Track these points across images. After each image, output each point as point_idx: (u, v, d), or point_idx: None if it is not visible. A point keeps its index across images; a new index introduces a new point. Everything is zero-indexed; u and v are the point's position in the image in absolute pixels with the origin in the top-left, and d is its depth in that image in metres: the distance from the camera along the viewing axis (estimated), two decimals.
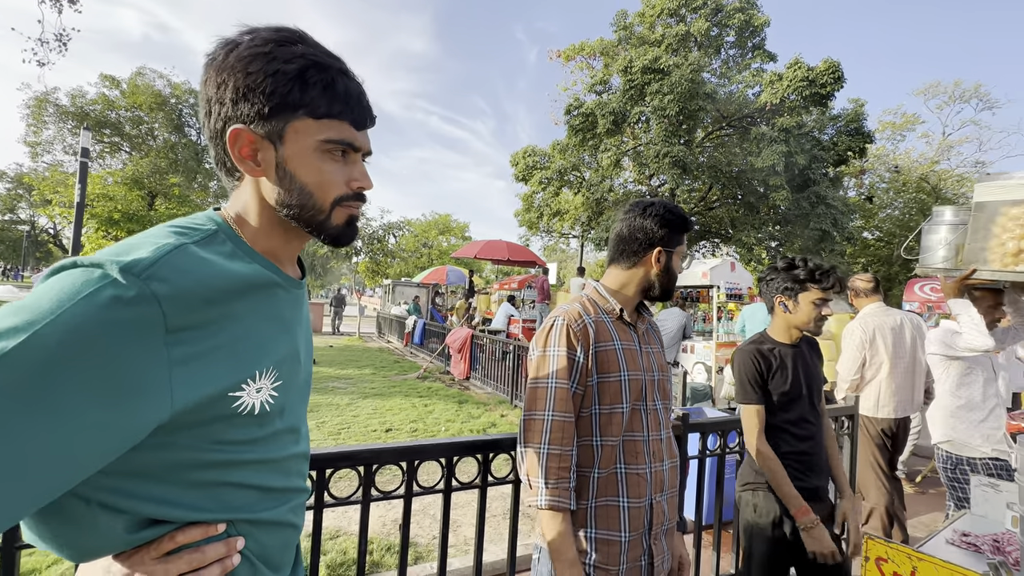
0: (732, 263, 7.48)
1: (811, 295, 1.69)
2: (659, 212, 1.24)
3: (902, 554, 1.08)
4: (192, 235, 0.58)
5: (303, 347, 0.71)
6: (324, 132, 0.63)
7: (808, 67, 14.12)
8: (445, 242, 34.85)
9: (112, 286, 0.47)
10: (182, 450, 0.54)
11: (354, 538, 2.91)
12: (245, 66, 0.59)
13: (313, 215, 0.65)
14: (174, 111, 19.81)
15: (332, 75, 0.62)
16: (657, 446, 1.18)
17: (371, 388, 7.44)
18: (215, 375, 0.54)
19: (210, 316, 0.54)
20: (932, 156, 24.94)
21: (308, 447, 0.74)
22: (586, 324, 1.16)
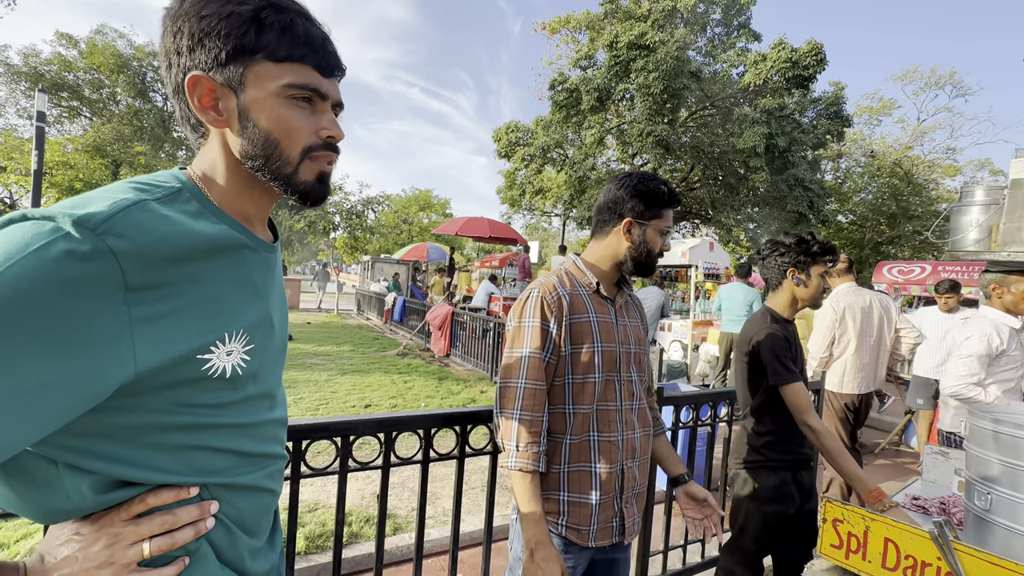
0: (711, 243, 7.60)
1: (819, 268, 1.74)
2: (632, 183, 1.23)
3: (856, 515, 1.14)
4: (154, 192, 0.55)
5: (277, 312, 0.69)
6: (286, 76, 0.60)
7: (792, 48, 14.14)
8: (426, 218, 34.38)
9: (65, 240, 0.45)
10: (149, 412, 0.52)
11: (332, 510, 2.93)
12: (199, 11, 0.57)
13: (280, 167, 0.62)
14: (137, 74, 18.72)
15: (290, 16, 0.60)
16: (630, 415, 1.23)
17: (350, 365, 7.41)
18: (181, 336, 0.52)
19: (173, 276, 0.52)
20: (906, 142, 25.53)
21: (285, 413, 0.73)
22: (560, 296, 1.18)
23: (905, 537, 1.04)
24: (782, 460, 1.74)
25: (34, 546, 2.35)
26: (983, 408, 1.22)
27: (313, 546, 2.58)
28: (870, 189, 23.80)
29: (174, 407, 0.54)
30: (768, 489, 1.71)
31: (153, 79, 19.31)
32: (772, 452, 1.74)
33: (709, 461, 2.55)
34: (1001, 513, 1.07)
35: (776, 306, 1.82)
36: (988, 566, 0.93)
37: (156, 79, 19.38)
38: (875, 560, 1.09)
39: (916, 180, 23.24)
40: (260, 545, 0.68)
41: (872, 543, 1.10)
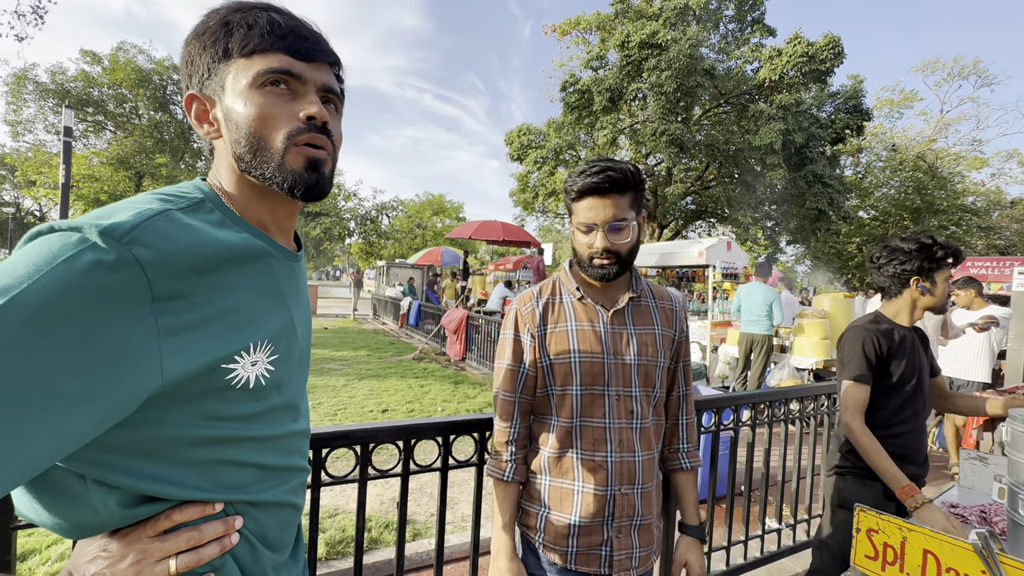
0: (728, 242, 7.47)
1: (944, 272, 1.63)
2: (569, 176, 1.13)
3: (892, 525, 1.09)
4: (177, 202, 0.56)
5: (300, 321, 0.69)
6: (255, 66, 0.60)
7: (808, 42, 13.88)
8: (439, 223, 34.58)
9: (91, 250, 0.45)
10: (175, 426, 0.52)
11: (352, 516, 2.95)
12: (186, 43, 0.63)
13: (265, 160, 0.60)
14: (158, 88, 19.29)
15: (255, 14, 0.61)
16: (627, 436, 1.10)
17: (367, 369, 7.46)
18: (207, 346, 0.52)
19: (198, 285, 0.52)
20: (929, 134, 24.84)
21: (308, 425, 0.73)
22: (534, 307, 1.15)
23: (946, 549, 1.00)
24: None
25: (64, 552, 2.42)
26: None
27: (334, 552, 2.59)
28: (892, 184, 23.23)
29: (199, 420, 0.54)
30: (856, 500, 1.54)
31: (173, 92, 19.86)
32: (861, 459, 1.60)
33: (732, 465, 2.49)
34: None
35: (888, 312, 1.71)
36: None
37: (176, 92, 19.93)
38: (913, 573, 1.04)
39: (941, 173, 22.60)
40: (283, 560, 0.67)
41: (910, 555, 1.05)
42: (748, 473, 2.50)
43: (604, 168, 1.04)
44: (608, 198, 1.05)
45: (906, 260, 1.66)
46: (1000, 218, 23.06)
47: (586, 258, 1.09)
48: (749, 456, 2.55)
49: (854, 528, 1.15)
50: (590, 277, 1.12)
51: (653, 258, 8.74)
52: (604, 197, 1.05)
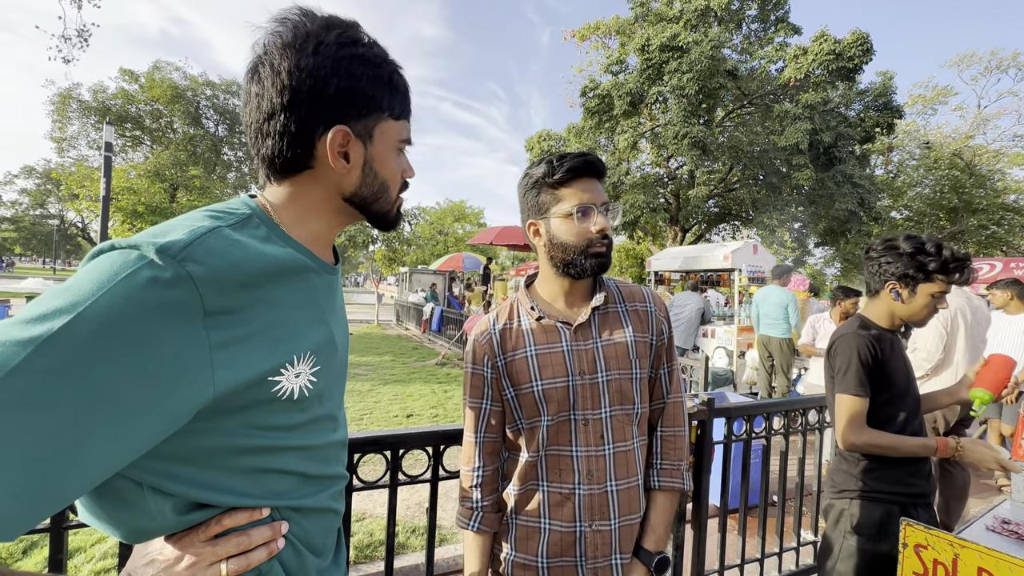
0: (755, 246, 7.31)
1: (933, 287, 1.46)
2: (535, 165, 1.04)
3: (943, 541, 1.04)
4: (227, 219, 0.58)
5: (339, 333, 0.71)
6: (402, 132, 0.70)
7: (835, 40, 13.54)
8: (460, 229, 34.90)
9: (149, 267, 0.47)
10: (225, 435, 0.54)
11: (379, 520, 2.98)
12: (348, 68, 0.62)
13: (382, 205, 0.71)
14: (191, 104, 20.10)
15: (405, 80, 0.69)
16: (597, 464, 0.97)
17: (391, 375, 7.55)
18: (255, 359, 0.54)
19: (246, 300, 0.54)
20: (966, 130, 23.85)
21: (346, 434, 0.75)
22: (491, 335, 1.05)
23: (1003, 567, 0.94)
24: (889, 492, 1.49)
25: (107, 551, 2.51)
26: None
27: (362, 556, 2.62)
28: (927, 183, 22.37)
29: (246, 429, 0.56)
30: (869, 524, 1.47)
31: (206, 107, 20.66)
32: (875, 481, 1.50)
33: (765, 475, 2.42)
34: None
35: (870, 314, 1.60)
36: None
37: (208, 106, 20.69)
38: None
39: (979, 171, 21.63)
40: (326, 564, 0.69)
41: (963, 573, 1.00)
42: (782, 483, 2.43)
43: (581, 152, 0.99)
44: (598, 181, 1.00)
45: (893, 261, 1.51)
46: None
47: (582, 246, 0.98)
48: (781, 466, 2.48)
49: (901, 543, 1.11)
50: (586, 272, 0.99)
51: (677, 262, 8.61)
52: (596, 179, 0.99)
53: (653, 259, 9.29)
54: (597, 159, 1.00)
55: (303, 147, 0.62)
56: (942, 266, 1.43)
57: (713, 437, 2.08)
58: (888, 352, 1.52)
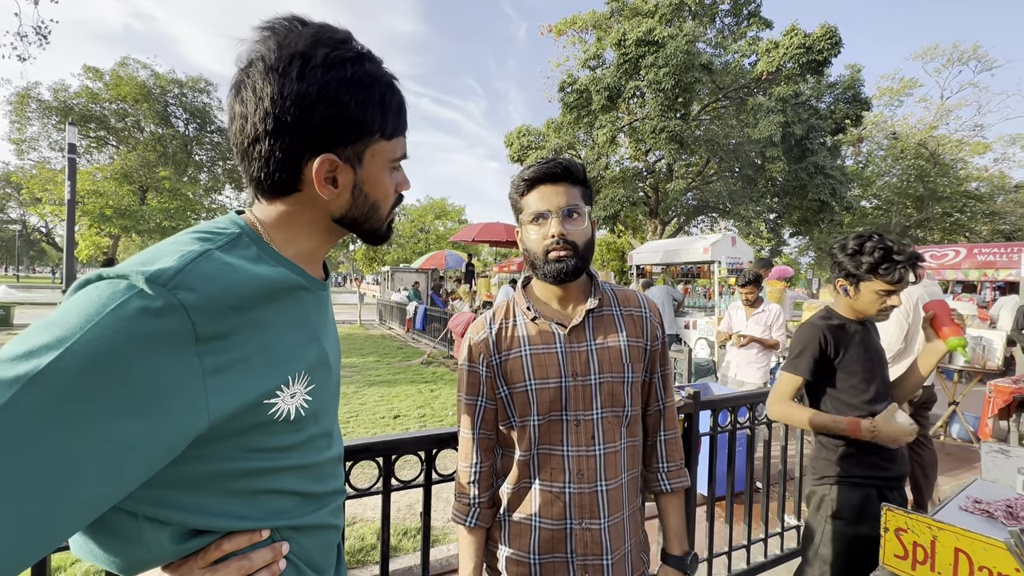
0: (733, 238, 7.45)
1: (875, 285, 1.56)
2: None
3: (922, 524, 1.09)
4: (216, 240, 0.57)
5: (331, 350, 0.70)
6: (395, 151, 0.67)
7: (805, 33, 13.83)
8: (442, 226, 34.67)
9: (139, 297, 0.46)
10: (221, 460, 0.53)
11: (370, 524, 2.96)
12: (335, 95, 0.58)
13: (372, 223, 0.69)
14: (159, 102, 19.40)
15: (400, 95, 0.66)
16: (588, 464, 0.99)
17: (376, 375, 7.49)
18: (249, 383, 0.53)
19: (238, 324, 0.53)
20: (930, 121, 24.71)
21: (341, 449, 0.75)
22: (487, 335, 1.06)
23: (978, 548, 1.00)
24: (866, 476, 1.58)
25: (88, 570, 2.44)
26: None
27: (354, 561, 2.60)
28: (894, 172, 23.13)
29: (243, 453, 0.55)
30: (848, 508, 1.55)
31: (175, 105, 19.98)
32: (853, 467, 1.59)
33: (750, 464, 2.49)
34: None
35: (835, 306, 1.71)
36: None
37: (178, 105, 20.02)
38: (945, 572, 1.04)
39: (943, 160, 22.46)
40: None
41: (941, 554, 1.05)
42: (766, 470, 2.50)
43: (553, 158, 1.01)
44: (560, 185, 0.99)
45: (841, 259, 1.63)
46: (1005, 203, 22.89)
47: (541, 253, 0.99)
48: (766, 454, 2.55)
49: (882, 527, 1.15)
50: (548, 276, 1.00)
51: (658, 255, 8.73)
52: (556, 184, 0.99)
53: (634, 253, 9.39)
54: (561, 163, 0.99)
55: (289, 172, 0.60)
56: (871, 268, 1.54)
57: (700, 429, 2.12)
58: (848, 340, 1.64)
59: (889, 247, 1.55)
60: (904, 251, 1.53)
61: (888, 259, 1.53)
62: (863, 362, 1.64)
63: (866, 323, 1.71)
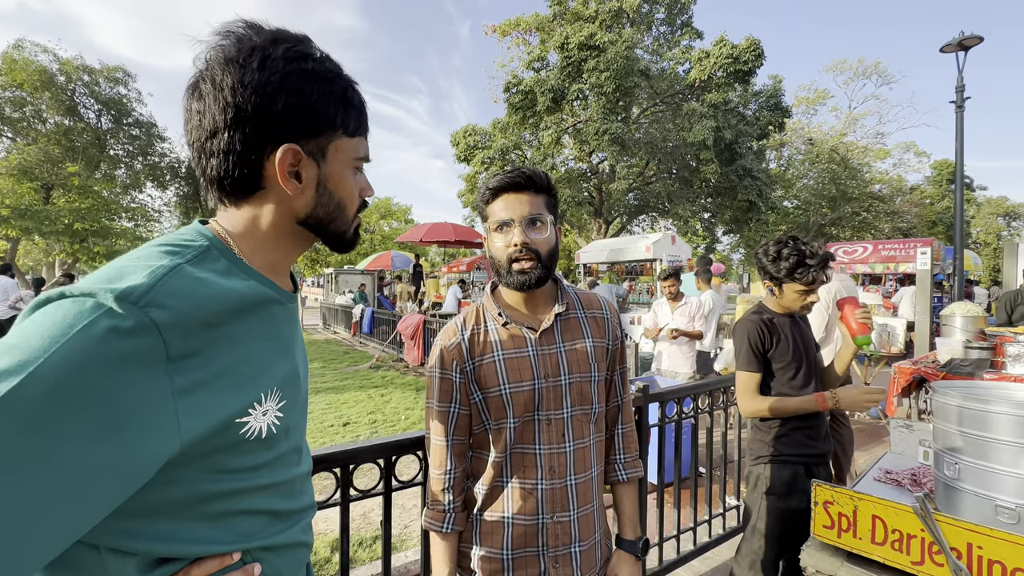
0: (673, 236, 7.86)
1: (795, 286, 1.74)
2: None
3: (845, 496, 1.22)
4: (185, 253, 0.54)
5: (301, 363, 0.69)
6: (358, 150, 0.67)
7: (732, 44, 14.79)
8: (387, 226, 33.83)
9: (107, 316, 0.43)
10: (192, 483, 0.51)
11: (325, 537, 2.86)
12: (296, 84, 0.58)
13: (339, 226, 0.67)
14: (64, 91, 17.47)
15: (361, 95, 0.66)
16: (559, 460, 1.03)
17: (322, 382, 7.21)
18: (222, 401, 0.52)
19: (210, 340, 0.51)
20: (840, 129, 27.20)
21: (311, 464, 0.73)
22: (459, 341, 1.07)
23: (891, 513, 1.13)
24: (795, 455, 1.75)
25: None
26: (946, 385, 1.34)
27: None
28: (811, 175, 25.24)
29: (213, 475, 0.53)
30: (780, 484, 1.70)
31: (84, 94, 18.06)
32: (783, 446, 1.74)
33: (695, 450, 2.65)
34: (969, 481, 1.18)
35: (766, 302, 1.88)
36: (966, 533, 1.03)
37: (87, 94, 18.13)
38: (865, 537, 1.18)
39: (852, 164, 24.81)
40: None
41: (861, 521, 1.18)
42: (708, 456, 2.67)
43: (517, 168, 1.04)
44: (524, 194, 1.02)
45: (765, 263, 1.81)
46: (902, 203, 25.68)
47: (505, 262, 1.02)
48: (708, 440, 2.72)
49: (812, 501, 1.28)
50: (511, 285, 1.03)
51: (604, 254, 9.02)
52: (520, 193, 1.02)
53: (581, 252, 9.66)
54: (524, 173, 1.02)
55: (250, 167, 0.58)
56: (788, 272, 1.73)
57: (649, 421, 2.24)
58: (779, 331, 1.80)
59: (802, 252, 1.73)
60: (816, 254, 1.72)
61: (802, 264, 1.71)
62: (792, 351, 1.81)
63: (795, 316, 1.88)
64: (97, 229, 16.80)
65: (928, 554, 1.09)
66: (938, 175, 29.06)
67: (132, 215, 19.71)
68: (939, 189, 28.44)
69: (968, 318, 4.38)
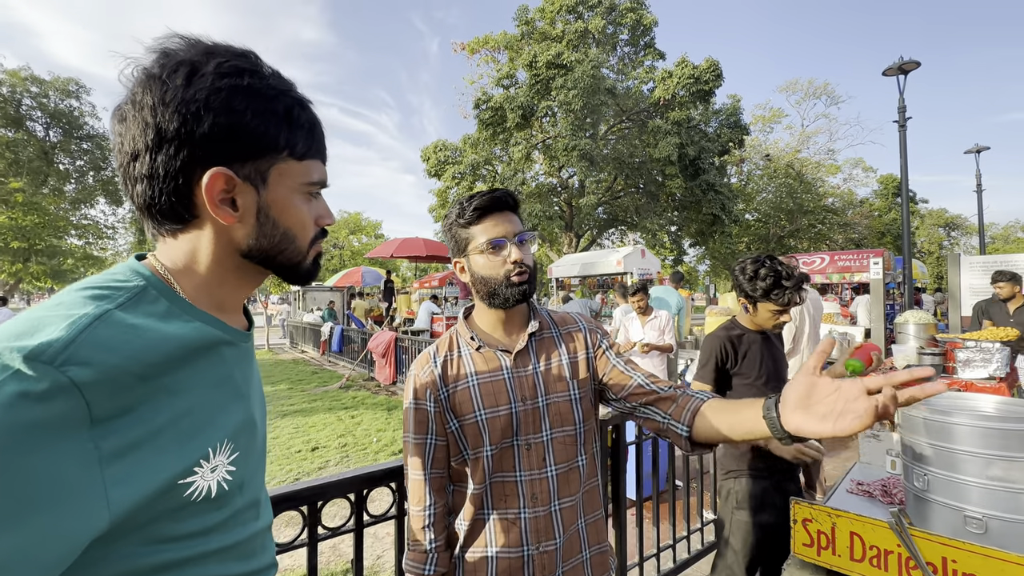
0: (642, 250, 8.01)
1: (769, 306, 1.77)
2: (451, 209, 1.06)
3: (823, 513, 1.23)
4: (115, 296, 0.48)
5: (257, 407, 0.63)
6: (308, 174, 0.60)
7: (693, 65, 15.44)
8: (357, 242, 33.29)
9: (14, 379, 0.38)
10: (127, 559, 0.45)
11: (296, 573, 2.70)
12: (226, 101, 0.52)
13: (291, 257, 0.61)
14: (9, 103, 16.58)
15: (312, 114, 0.59)
16: (541, 487, 0.99)
17: (289, 405, 6.92)
18: (160, 462, 0.46)
19: (145, 394, 0.45)
20: (795, 145, 28.63)
21: (271, 517, 0.67)
22: (432, 369, 1.05)
23: (868, 529, 1.14)
24: (764, 468, 1.76)
25: None
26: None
27: None
28: (769, 189, 26.38)
29: (153, 546, 0.46)
30: (750, 498, 1.71)
31: (30, 107, 17.16)
32: (754, 459, 1.76)
33: (672, 465, 2.65)
34: (938, 492, 1.20)
35: (739, 317, 1.92)
36: (940, 547, 1.05)
37: (34, 107, 17.24)
38: (843, 554, 1.18)
39: (806, 179, 26.09)
40: None
41: (839, 538, 1.19)
42: (685, 470, 2.67)
43: (496, 189, 1.04)
44: (510, 213, 1.03)
45: (741, 282, 1.83)
46: (853, 215, 27.10)
47: (502, 278, 0.99)
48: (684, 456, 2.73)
49: (791, 519, 1.28)
50: (509, 300, 1.00)
51: (576, 268, 9.11)
52: (506, 212, 1.02)
53: (553, 266, 9.73)
54: (506, 193, 1.03)
55: (178, 194, 0.52)
56: (764, 293, 1.77)
57: (627, 439, 2.22)
58: (746, 347, 1.85)
59: (779, 273, 1.76)
60: (792, 276, 1.75)
61: (778, 285, 1.75)
62: (759, 367, 1.84)
63: (766, 332, 1.92)
64: (42, 248, 15.86)
65: (905, 569, 1.10)
66: (884, 189, 30.89)
67: (82, 232, 18.72)
68: (886, 202, 30.21)
69: (920, 325, 4.61)
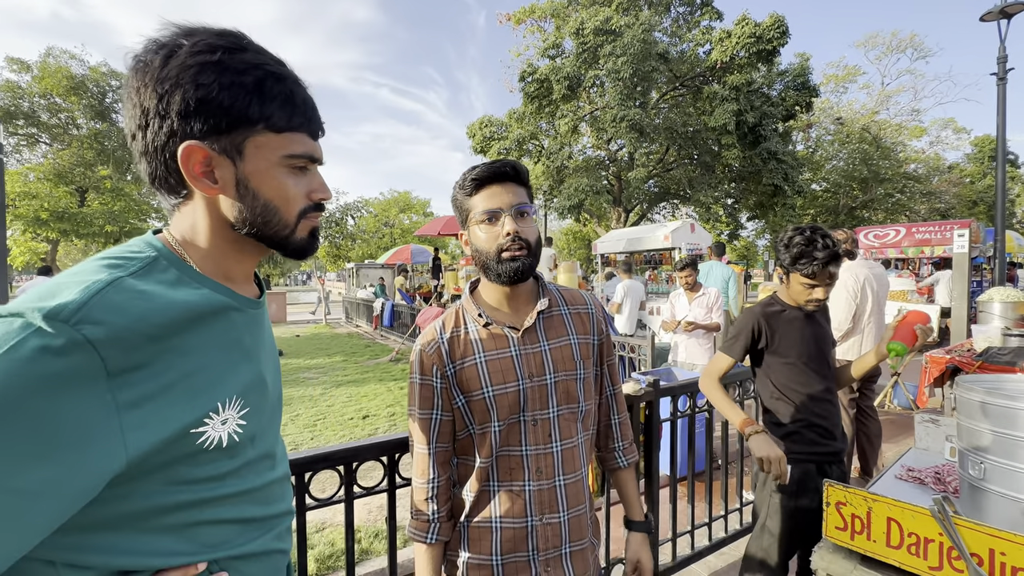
0: (692, 224, 7.67)
1: (799, 278, 1.64)
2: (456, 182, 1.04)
3: (858, 497, 1.17)
4: (128, 265, 0.54)
5: (269, 369, 0.68)
6: (287, 147, 0.61)
7: (755, 23, 14.24)
8: (407, 220, 34.13)
9: (36, 336, 0.43)
10: (146, 497, 0.51)
11: (340, 529, 2.92)
12: (195, 77, 0.55)
13: (278, 231, 0.63)
14: (94, 96, 18.11)
15: (289, 86, 0.60)
16: (546, 461, 1.01)
17: (343, 376, 7.34)
18: (172, 414, 0.51)
19: (157, 352, 0.50)
20: (872, 107, 26.01)
21: (287, 468, 0.73)
22: (438, 345, 1.04)
23: (907, 515, 1.07)
24: (805, 452, 1.67)
25: None
26: (970, 379, 1.26)
27: (324, 567, 2.57)
28: (841, 156, 24.25)
29: (171, 486, 0.53)
30: (790, 483, 1.63)
31: (114, 100, 18.67)
32: (794, 444, 1.67)
33: (709, 443, 2.59)
34: (995, 481, 1.10)
35: (780, 293, 1.80)
36: (988, 538, 0.97)
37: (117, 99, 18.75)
38: (879, 540, 1.12)
39: (884, 144, 23.73)
40: None
41: (875, 523, 1.12)
42: (724, 451, 2.60)
43: (499, 159, 1.01)
44: (510, 184, 0.99)
45: (778, 251, 1.72)
46: (940, 183, 24.46)
47: (494, 253, 0.97)
48: (724, 432, 2.66)
49: (824, 502, 1.22)
50: (502, 277, 0.98)
51: (621, 244, 8.89)
52: (506, 183, 0.99)
53: (599, 242, 9.55)
54: (508, 164, 0.99)
55: (168, 169, 0.57)
56: (791, 262, 1.64)
57: (660, 415, 2.19)
58: (784, 325, 1.73)
59: (810, 241, 1.60)
60: (827, 248, 1.58)
61: (805, 255, 1.60)
62: (798, 346, 1.71)
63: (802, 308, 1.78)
64: (129, 230, 17.44)
65: (947, 559, 1.03)
66: (979, 152, 27.51)
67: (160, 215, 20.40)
68: (980, 167, 26.92)
69: (1007, 304, 4.14)
